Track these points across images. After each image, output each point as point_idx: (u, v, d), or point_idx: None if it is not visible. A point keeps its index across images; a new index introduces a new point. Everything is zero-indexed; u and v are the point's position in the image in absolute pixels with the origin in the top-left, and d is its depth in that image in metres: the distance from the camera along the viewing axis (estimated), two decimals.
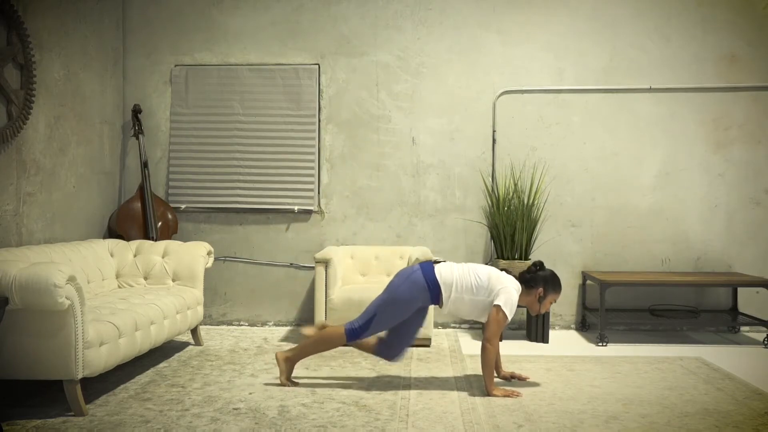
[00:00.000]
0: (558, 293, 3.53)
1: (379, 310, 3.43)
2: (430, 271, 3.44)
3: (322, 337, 3.49)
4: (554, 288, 3.50)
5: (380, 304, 3.44)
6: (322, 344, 3.50)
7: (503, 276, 3.44)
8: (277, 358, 3.53)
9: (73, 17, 4.45)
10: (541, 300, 3.49)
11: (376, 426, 2.90)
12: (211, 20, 5.23)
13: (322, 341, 3.49)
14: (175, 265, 4.37)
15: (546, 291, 3.48)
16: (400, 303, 3.42)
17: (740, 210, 5.05)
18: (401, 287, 3.43)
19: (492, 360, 3.36)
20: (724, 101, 5.04)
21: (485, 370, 3.37)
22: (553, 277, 3.51)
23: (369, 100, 5.17)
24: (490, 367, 3.36)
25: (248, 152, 5.17)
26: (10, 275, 2.85)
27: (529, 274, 3.51)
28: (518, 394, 3.34)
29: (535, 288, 3.48)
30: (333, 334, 3.46)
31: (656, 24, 5.06)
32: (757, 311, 4.94)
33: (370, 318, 3.42)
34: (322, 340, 3.49)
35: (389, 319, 3.44)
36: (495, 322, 3.35)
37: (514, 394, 3.34)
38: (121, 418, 2.99)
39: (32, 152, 3.99)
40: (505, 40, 5.12)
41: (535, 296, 3.48)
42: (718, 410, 3.14)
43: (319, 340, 3.49)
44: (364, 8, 5.17)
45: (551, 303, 3.53)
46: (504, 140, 5.11)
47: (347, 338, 3.42)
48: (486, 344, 3.35)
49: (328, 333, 3.48)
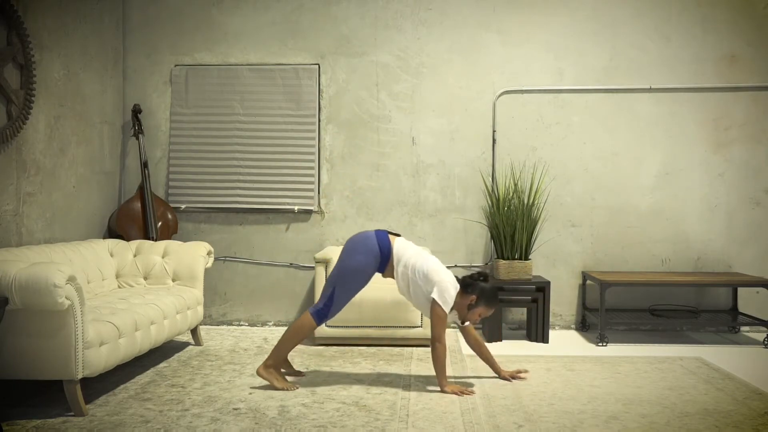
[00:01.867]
0: (491, 309, 3.52)
1: (338, 284, 3.43)
2: (384, 238, 3.47)
3: (293, 329, 3.46)
4: (488, 302, 3.48)
5: (338, 278, 3.44)
6: (296, 336, 3.47)
7: (443, 271, 3.44)
8: (259, 374, 3.46)
9: (73, 17, 4.45)
10: (471, 308, 3.47)
11: (376, 426, 2.90)
12: (211, 20, 5.23)
13: (295, 334, 3.46)
14: (175, 265, 4.37)
15: (479, 301, 3.46)
16: (359, 272, 3.43)
17: (740, 210, 5.05)
18: (357, 257, 3.43)
19: (442, 358, 3.39)
20: (724, 101, 5.04)
21: (436, 368, 3.42)
22: (491, 291, 3.50)
23: (369, 100, 5.17)
24: (441, 365, 3.40)
25: (248, 152, 5.17)
26: (10, 275, 2.85)
27: (471, 280, 3.51)
28: (471, 392, 3.38)
29: (469, 294, 3.46)
30: (303, 323, 3.44)
31: (656, 24, 5.06)
32: (757, 311, 4.94)
33: (331, 294, 3.43)
34: (294, 333, 3.46)
35: (350, 291, 3.45)
36: (436, 320, 3.37)
37: (466, 391, 3.37)
38: (121, 418, 2.99)
39: (32, 152, 3.99)
40: (505, 40, 5.12)
41: (467, 302, 3.47)
42: (718, 410, 3.14)
43: (292, 334, 3.46)
44: (364, 8, 5.17)
45: (480, 316, 3.51)
46: (504, 140, 5.11)
47: (316, 321, 3.43)
48: (435, 343, 3.38)
49: (298, 324, 3.46)
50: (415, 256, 3.47)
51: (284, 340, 3.48)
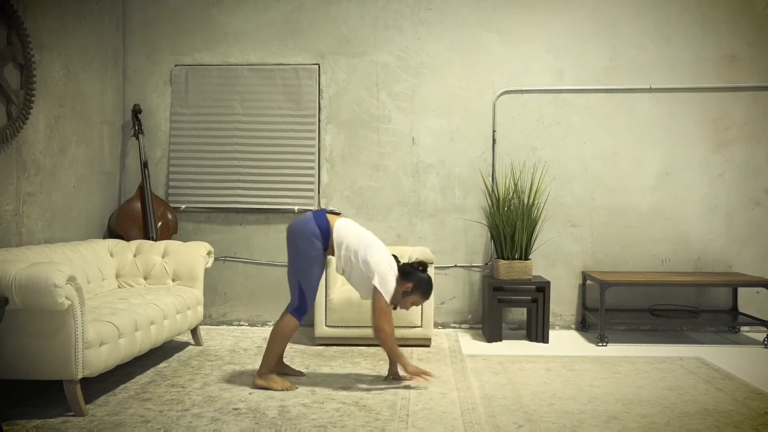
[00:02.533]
0: (424, 299, 3.56)
1: (299, 277, 3.44)
2: (321, 217, 3.47)
3: (278, 333, 3.46)
4: (422, 291, 3.52)
5: (296, 271, 3.45)
6: (281, 339, 3.46)
7: (384, 258, 3.44)
8: (256, 385, 3.46)
9: (73, 17, 4.45)
10: (405, 295, 3.51)
11: (376, 426, 2.90)
12: (211, 20, 5.23)
13: (280, 336, 3.46)
14: (175, 265, 4.37)
15: (414, 290, 3.50)
16: (310, 259, 3.43)
17: (740, 210, 5.05)
18: (301, 245, 3.43)
19: (392, 341, 3.42)
20: (724, 101, 5.04)
21: (390, 353, 3.47)
22: (427, 282, 3.54)
23: (369, 100, 5.17)
24: (393, 349, 3.44)
25: (248, 152, 5.17)
26: (10, 275, 2.85)
27: (410, 269, 3.53)
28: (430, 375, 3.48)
29: (406, 282, 3.49)
30: (285, 324, 3.45)
31: (656, 24, 5.06)
32: (757, 311, 4.94)
33: (299, 289, 3.44)
34: (279, 336, 3.46)
35: (313, 278, 3.45)
36: (378, 311, 3.39)
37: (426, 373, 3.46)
38: (121, 418, 2.99)
39: (32, 152, 3.99)
40: (505, 40, 5.12)
41: (402, 288, 3.49)
42: (718, 410, 3.14)
43: (277, 338, 3.46)
44: (364, 8, 5.17)
45: (412, 304, 3.55)
46: (504, 140, 5.11)
47: (297, 318, 3.44)
48: (379, 334, 3.41)
49: (280, 326, 3.46)
50: (357, 240, 3.45)
51: (271, 345, 3.48)
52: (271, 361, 3.48)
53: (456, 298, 5.14)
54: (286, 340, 3.48)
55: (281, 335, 3.46)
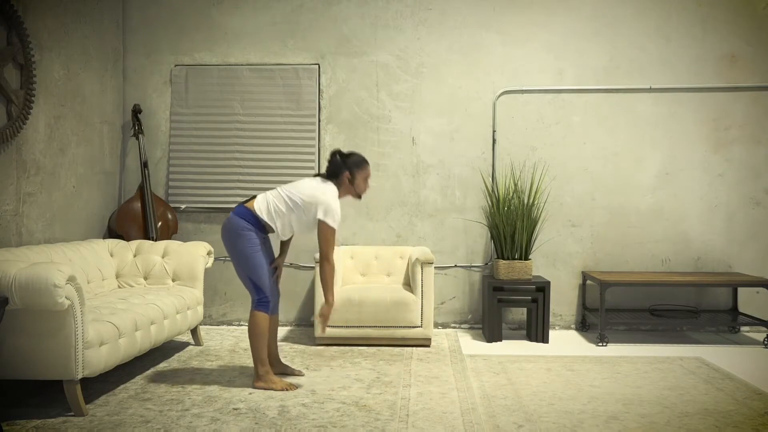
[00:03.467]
0: (366, 170, 3.56)
1: (249, 273, 3.45)
2: (240, 209, 3.48)
3: (252, 333, 3.47)
4: (359, 167, 3.53)
5: (242, 268, 3.46)
6: (259, 337, 3.46)
7: (318, 188, 3.44)
8: (256, 387, 3.46)
9: (73, 17, 4.45)
10: (352, 182, 3.52)
11: (376, 426, 2.90)
12: (211, 20, 5.23)
13: (256, 335, 3.46)
14: (175, 265, 4.37)
15: (352, 172, 3.51)
16: (250, 252, 3.43)
17: (740, 210, 5.05)
18: (237, 243, 3.44)
19: (330, 276, 3.43)
20: (724, 101, 5.04)
21: (324, 285, 3.45)
22: (355, 158, 3.55)
23: (369, 100, 5.17)
24: (328, 282, 3.44)
25: (248, 152, 5.16)
26: (10, 275, 2.85)
27: (331, 167, 3.54)
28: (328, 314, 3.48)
29: (342, 175, 3.51)
30: (255, 321, 3.46)
31: (656, 24, 5.06)
32: (757, 311, 4.95)
33: (251, 283, 3.46)
34: (255, 335, 3.46)
35: (261, 269, 3.45)
36: (324, 239, 3.40)
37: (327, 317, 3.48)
38: (121, 418, 2.99)
39: (32, 152, 3.99)
40: (505, 40, 5.12)
41: (346, 182, 3.51)
42: (718, 410, 3.14)
43: (254, 337, 3.47)
44: (364, 8, 5.17)
45: (365, 181, 3.56)
46: (504, 140, 5.11)
47: (264, 311, 3.46)
48: (323, 262, 3.42)
49: (251, 326, 3.47)
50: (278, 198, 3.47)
51: (254, 346, 3.48)
52: (262, 361, 3.47)
53: (456, 298, 5.14)
54: (263, 336, 3.48)
55: (256, 333, 3.46)
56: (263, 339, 3.47)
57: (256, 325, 3.46)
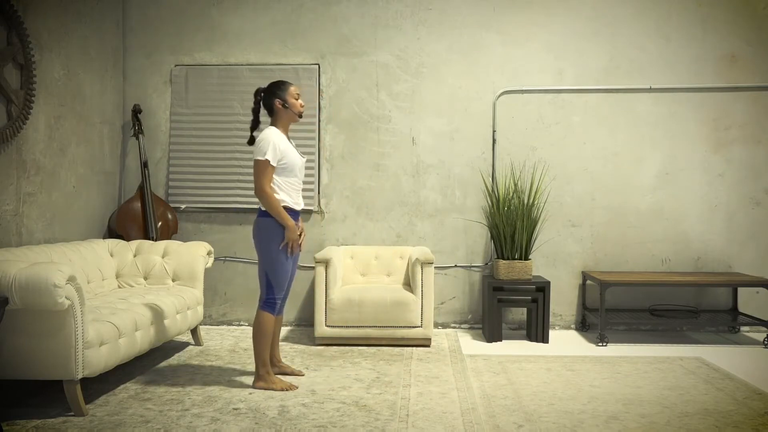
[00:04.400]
0: (288, 88, 3.54)
1: (268, 271, 3.45)
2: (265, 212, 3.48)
3: (257, 332, 3.46)
4: (280, 89, 3.52)
5: (264, 266, 3.46)
6: (263, 336, 3.46)
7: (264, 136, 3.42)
8: (256, 387, 3.46)
9: (73, 17, 4.45)
10: (286, 106, 3.51)
11: (376, 426, 2.90)
12: (211, 20, 5.23)
13: (260, 334, 3.46)
14: (175, 265, 4.37)
15: (280, 96, 3.50)
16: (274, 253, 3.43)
17: (740, 210, 5.05)
18: (262, 239, 3.44)
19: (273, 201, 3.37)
20: (724, 101, 5.04)
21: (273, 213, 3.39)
22: (273, 85, 3.54)
23: (369, 100, 5.17)
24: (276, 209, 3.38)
25: (248, 152, 5.16)
26: (10, 275, 2.85)
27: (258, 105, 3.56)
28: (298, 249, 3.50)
29: (273, 105, 3.51)
30: (261, 321, 3.45)
31: (656, 24, 5.06)
32: (757, 311, 4.95)
33: (266, 282, 3.46)
34: (260, 334, 3.46)
35: (280, 270, 3.45)
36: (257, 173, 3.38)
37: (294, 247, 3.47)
38: (121, 418, 2.99)
39: (32, 152, 3.99)
40: (505, 40, 5.12)
41: (281, 109, 3.50)
42: (718, 410, 3.14)
43: (258, 337, 3.46)
44: (364, 8, 5.17)
45: (295, 98, 3.53)
46: (504, 140, 5.11)
47: (270, 311, 3.46)
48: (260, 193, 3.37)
49: (257, 325, 3.47)
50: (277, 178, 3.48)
51: (256, 346, 3.48)
52: (263, 360, 3.47)
53: (456, 298, 5.14)
54: (268, 336, 3.47)
55: (261, 333, 3.46)
56: (267, 339, 3.47)
57: (262, 325, 3.45)
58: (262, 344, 3.46)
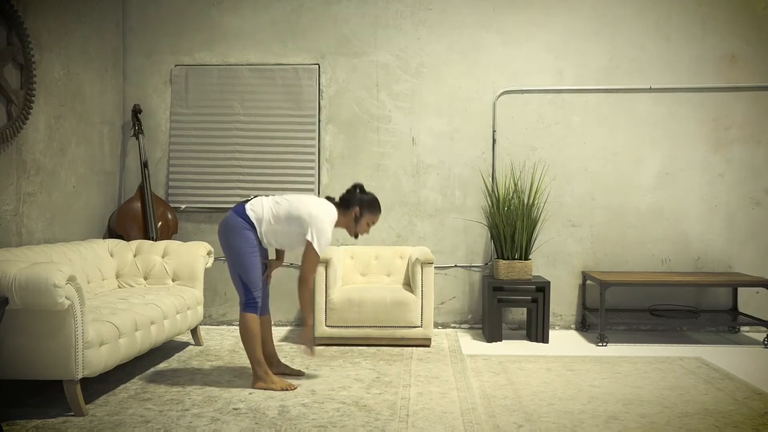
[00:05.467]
0: (375, 216, 3.55)
1: (240, 272, 3.43)
2: (240, 209, 3.47)
3: (244, 334, 3.45)
4: (371, 209, 3.53)
5: (235, 267, 3.45)
6: (250, 338, 3.45)
7: (317, 207, 3.41)
8: (256, 388, 3.45)
9: (73, 17, 4.45)
10: (357, 220, 3.50)
11: (376, 426, 2.90)
12: (211, 20, 5.23)
13: (248, 336, 3.45)
14: (175, 265, 4.37)
15: (362, 211, 3.50)
16: (244, 250, 3.41)
17: (740, 210, 5.05)
18: (232, 240, 3.43)
19: (308, 296, 3.40)
20: (724, 101, 5.04)
21: (302, 304, 3.41)
22: (370, 200, 3.55)
23: (369, 100, 5.17)
24: (306, 303, 3.40)
25: (248, 152, 5.17)
26: (10, 275, 2.85)
27: (347, 195, 3.55)
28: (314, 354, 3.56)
29: (351, 208, 3.50)
30: (245, 323, 3.44)
31: (656, 24, 5.06)
32: (757, 311, 4.94)
33: (241, 284, 3.44)
34: (247, 336, 3.45)
35: (253, 269, 3.43)
36: (307, 261, 3.38)
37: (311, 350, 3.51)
38: (121, 418, 2.99)
39: (32, 152, 3.99)
40: (505, 40, 5.12)
41: (351, 216, 3.50)
42: (718, 410, 3.14)
43: (246, 338, 3.45)
44: (364, 8, 5.17)
45: (368, 225, 3.54)
46: (504, 140, 5.11)
47: (252, 312, 3.44)
48: (302, 283, 3.38)
49: (242, 328, 3.46)
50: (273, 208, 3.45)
51: (247, 347, 3.47)
52: (258, 361, 3.47)
53: (456, 298, 5.14)
54: (255, 337, 3.46)
55: (248, 335, 3.45)
56: (255, 339, 3.46)
57: (247, 327, 3.45)
58: (251, 345, 3.46)
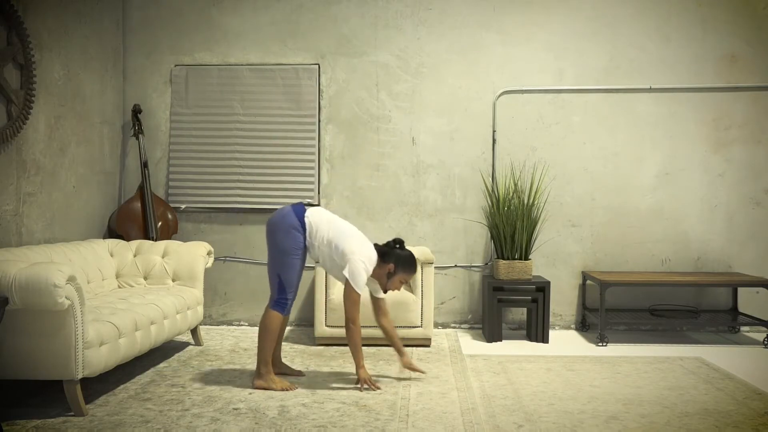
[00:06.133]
0: (409, 275, 3.51)
1: (279, 270, 3.42)
2: (299, 209, 3.47)
3: (264, 330, 3.45)
4: (405, 268, 3.48)
5: (276, 264, 3.44)
6: (269, 335, 3.45)
7: (360, 244, 3.40)
8: (256, 386, 3.45)
9: (73, 17, 4.45)
10: (390, 276, 3.47)
11: (376, 426, 2.90)
12: (211, 20, 5.23)
13: (267, 333, 3.45)
14: (175, 265, 4.37)
15: (396, 269, 3.46)
16: (290, 251, 3.40)
17: (740, 210, 5.05)
18: (280, 237, 3.41)
19: (357, 339, 3.40)
20: (724, 101, 5.04)
21: (351, 349, 3.44)
22: (407, 258, 3.50)
23: (369, 100, 5.17)
24: (356, 346, 3.41)
25: (248, 152, 5.17)
26: (10, 275, 2.85)
27: (387, 248, 3.51)
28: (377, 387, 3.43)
29: (386, 263, 3.46)
30: (269, 319, 3.44)
31: (656, 24, 5.06)
32: (757, 311, 4.94)
33: (279, 282, 3.43)
34: (266, 333, 3.45)
35: (294, 272, 3.43)
36: (348, 300, 3.36)
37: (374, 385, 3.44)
38: (121, 418, 2.99)
39: (32, 152, 3.99)
40: (505, 40, 5.12)
41: (385, 271, 3.47)
42: (718, 410, 3.14)
43: (264, 335, 3.45)
44: (364, 8, 5.17)
45: (401, 283, 3.51)
46: (504, 140, 5.11)
47: (280, 312, 3.44)
48: (349, 325, 3.38)
49: (265, 323, 3.46)
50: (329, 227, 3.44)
51: (261, 343, 3.47)
52: (265, 359, 3.47)
53: (456, 298, 5.14)
54: (273, 335, 3.47)
55: (268, 332, 3.45)
56: (272, 338, 3.47)
57: (268, 323, 3.45)
58: (267, 342, 3.46)
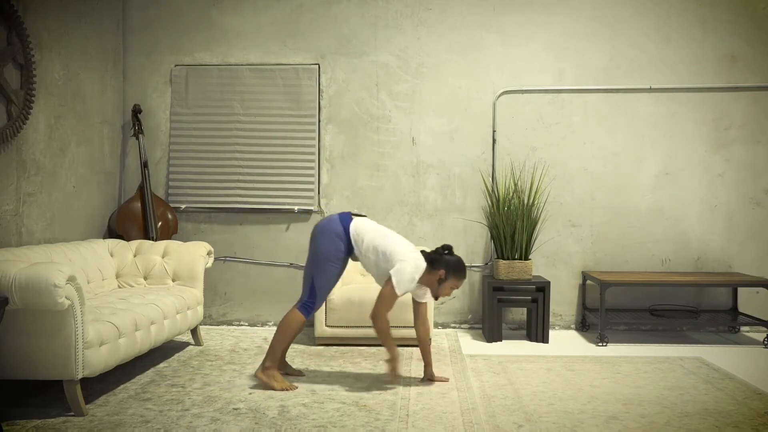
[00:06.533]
0: (460, 280, 3.51)
1: (314, 273, 3.45)
2: (345, 217, 3.49)
3: (284, 328, 3.47)
4: (456, 274, 3.48)
5: (313, 267, 3.45)
6: (287, 334, 3.47)
7: (409, 251, 3.41)
8: (258, 377, 3.47)
9: (73, 17, 4.45)
10: (441, 282, 3.47)
11: (376, 426, 2.90)
12: (211, 20, 5.23)
13: (286, 331, 3.47)
14: (175, 265, 4.37)
15: (447, 275, 3.46)
16: (329, 258, 3.43)
17: (740, 210, 5.05)
18: (324, 242, 3.44)
19: (384, 332, 3.40)
20: (724, 101, 5.04)
21: (382, 340, 3.45)
22: (457, 263, 3.50)
23: (369, 100, 5.17)
24: (385, 336, 3.42)
25: (248, 152, 5.16)
26: (10, 275, 2.85)
27: (436, 255, 3.51)
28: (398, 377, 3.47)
29: (437, 269, 3.46)
30: (292, 319, 3.46)
31: (656, 24, 5.06)
32: (757, 311, 4.94)
33: (311, 285, 3.45)
34: (285, 331, 3.47)
35: (329, 278, 3.46)
36: (383, 296, 3.37)
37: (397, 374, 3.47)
38: (121, 418, 2.99)
39: (32, 152, 3.99)
40: (505, 40, 5.12)
41: (435, 277, 3.46)
42: (718, 410, 3.14)
43: (283, 333, 3.47)
44: (364, 8, 5.17)
45: (452, 289, 3.51)
46: (504, 140, 5.11)
47: (304, 315, 3.46)
48: (373, 319, 3.39)
49: (287, 321, 3.47)
50: (374, 234, 3.46)
51: (277, 339, 3.49)
52: (276, 355, 3.48)
53: (456, 298, 5.14)
54: (290, 334, 3.48)
55: (287, 330, 3.47)
56: (289, 338, 3.49)
57: (290, 323, 3.47)
58: (282, 340, 3.48)
